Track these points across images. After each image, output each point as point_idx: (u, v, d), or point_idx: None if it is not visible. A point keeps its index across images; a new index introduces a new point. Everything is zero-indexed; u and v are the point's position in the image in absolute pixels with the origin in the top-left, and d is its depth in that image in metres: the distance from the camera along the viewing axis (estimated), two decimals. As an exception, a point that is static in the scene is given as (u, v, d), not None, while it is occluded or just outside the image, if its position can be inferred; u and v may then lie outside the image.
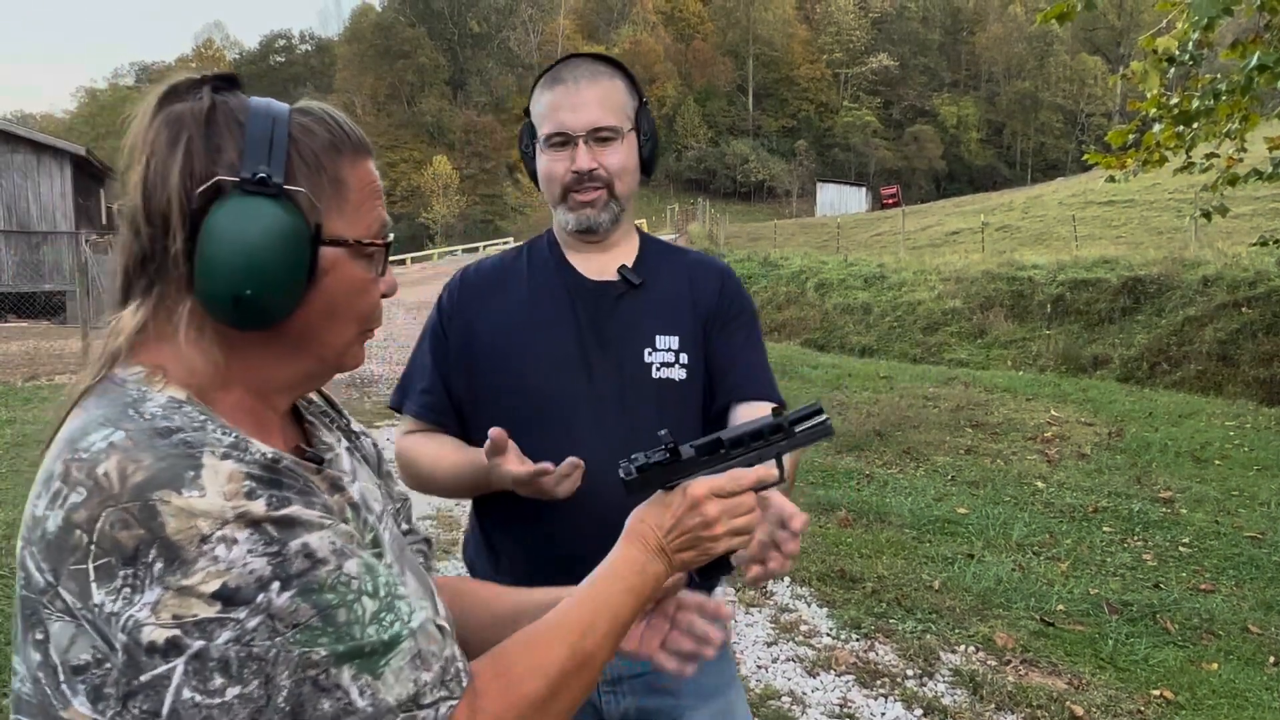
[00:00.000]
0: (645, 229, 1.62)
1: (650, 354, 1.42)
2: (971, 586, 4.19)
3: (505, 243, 37.61)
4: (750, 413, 1.40)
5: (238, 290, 0.73)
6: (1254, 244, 8.66)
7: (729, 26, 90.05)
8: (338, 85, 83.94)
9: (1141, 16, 68.05)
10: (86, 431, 0.70)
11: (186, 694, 0.65)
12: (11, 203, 18.13)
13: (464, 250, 38.57)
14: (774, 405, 1.23)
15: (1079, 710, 3.11)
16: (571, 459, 1.25)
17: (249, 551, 0.66)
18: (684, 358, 1.43)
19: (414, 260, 35.00)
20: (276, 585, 0.66)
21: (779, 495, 1.03)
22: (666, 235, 41.25)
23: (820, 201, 57.23)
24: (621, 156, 1.43)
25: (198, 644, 0.64)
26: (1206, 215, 6.78)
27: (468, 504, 5.46)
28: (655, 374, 1.41)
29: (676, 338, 1.44)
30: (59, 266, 17.93)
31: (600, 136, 1.41)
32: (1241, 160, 6.35)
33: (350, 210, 0.81)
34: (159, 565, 0.64)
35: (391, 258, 0.90)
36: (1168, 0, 5.47)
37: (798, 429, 0.98)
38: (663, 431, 0.97)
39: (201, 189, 0.73)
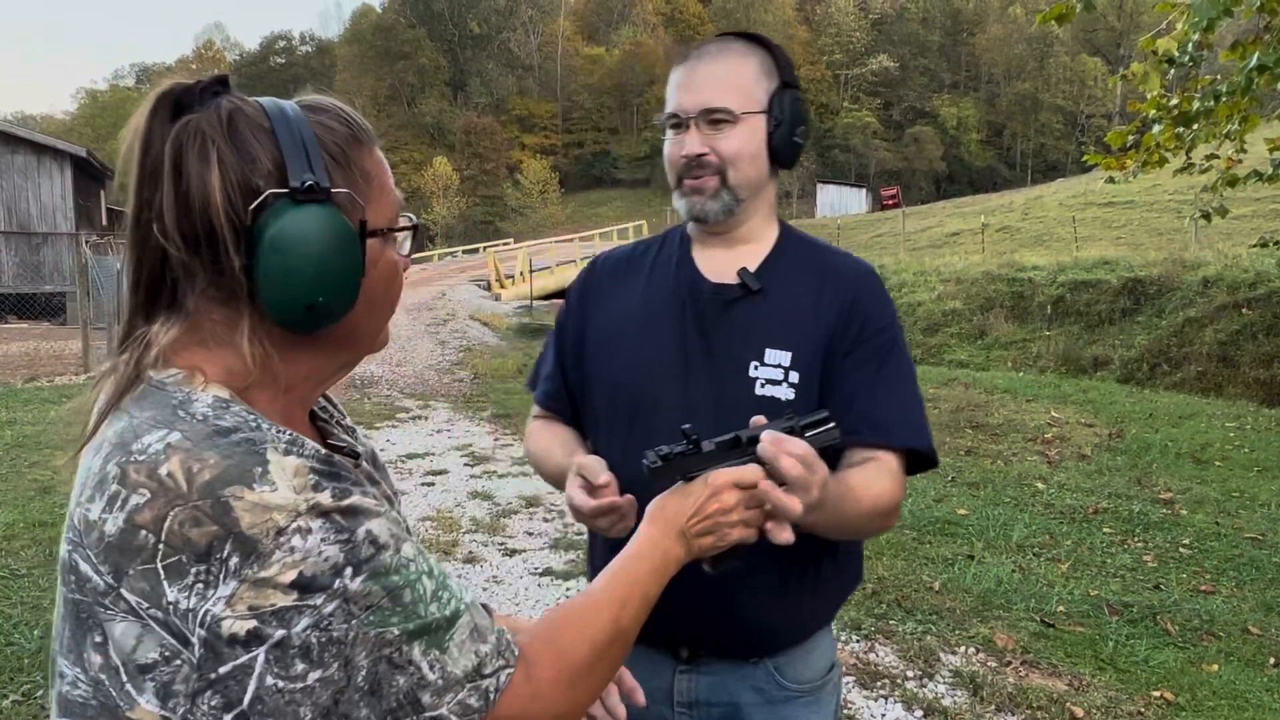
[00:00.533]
0: (645, 232, 1.57)
1: (756, 368, 1.29)
2: (972, 587, 4.19)
3: (506, 244, 37.53)
4: (866, 465, 1.26)
5: (311, 299, 0.75)
6: (1254, 245, 8.66)
7: (729, 28, 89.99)
8: (338, 86, 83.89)
9: (1141, 18, 68.06)
10: (139, 434, 0.71)
11: (270, 680, 0.67)
12: (12, 204, 18.12)
13: (464, 251, 38.54)
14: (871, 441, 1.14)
15: (1079, 711, 3.11)
16: (628, 497, 1.18)
17: (322, 540, 0.68)
18: (794, 376, 1.28)
19: (414, 261, 34.92)
20: (350, 570, 0.69)
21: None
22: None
23: (820, 203, 57.20)
24: (737, 142, 1.30)
25: (278, 633, 0.67)
26: (1206, 216, 6.78)
27: (467, 507, 5.44)
28: (758, 390, 1.28)
29: (789, 354, 1.29)
30: (59, 268, 17.93)
31: (713, 119, 1.29)
32: (1241, 161, 6.35)
33: (374, 199, 0.82)
34: (234, 560, 0.66)
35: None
36: (1167, 2, 5.47)
37: (807, 434, 1.04)
38: (686, 426, 1.01)
39: (255, 204, 0.73)
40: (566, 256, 27.06)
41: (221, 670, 0.67)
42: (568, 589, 4.23)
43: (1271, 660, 3.56)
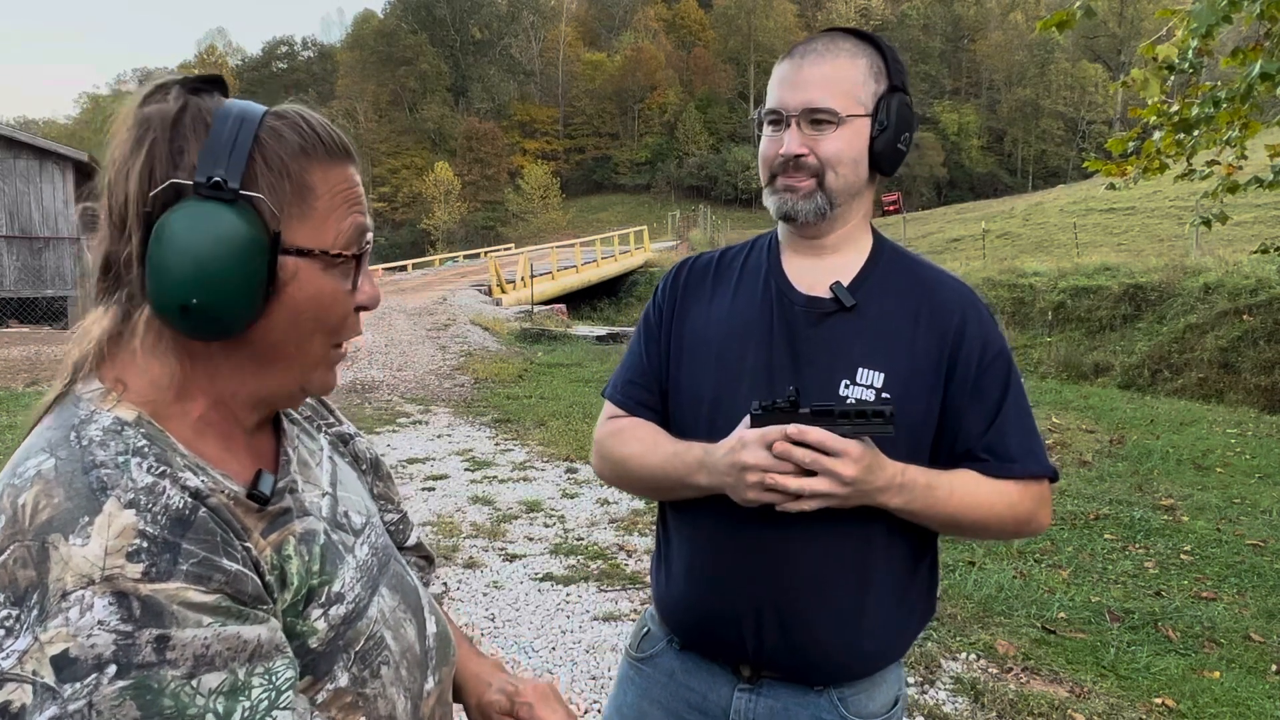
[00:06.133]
0: (646, 236, 1.54)
1: (847, 386, 1.24)
2: (973, 594, 4.19)
3: (507, 249, 37.57)
4: (1001, 489, 1.25)
5: (184, 299, 0.70)
6: (1255, 251, 8.65)
7: (730, 34, 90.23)
8: (340, 92, 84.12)
9: (1142, 24, 68.18)
10: (28, 454, 0.69)
11: None
12: (14, 208, 18.15)
13: (465, 256, 38.56)
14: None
15: (1080, 718, 3.10)
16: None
17: (99, 623, 0.60)
18: (886, 398, 1.24)
19: (415, 266, 35.00)
20: (113, 670, 0.60)
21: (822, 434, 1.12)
22: (667, 242, 41.17)
23: (821, 208, 57.18)
24: (839, 145, 1.24)
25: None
26: (1207, 223, 6.78)
27: (468, 512, 5.44)
28: None
29: (882, 375, 1.24)
30: (60, 272, 17.96)
31: (815, 119, 1.24)
32: (1241, 168, 6.35)
33: (317, 218, 0.76)
34: (35, 612, 0.61)
35: (394, 263, 0.87)
36: (1167, 8, 5.48)
37: (856, 421, 1.12)
38: (791, 388, 1.11)
39: (155, 191, 0.71)
40: (567, 261, 27.08)
41: None
42: (567, 594, 4.22)
43: (1274, 667, 3.55)
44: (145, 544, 0.63)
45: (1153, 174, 6.32)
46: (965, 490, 1.23)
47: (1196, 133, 5.85)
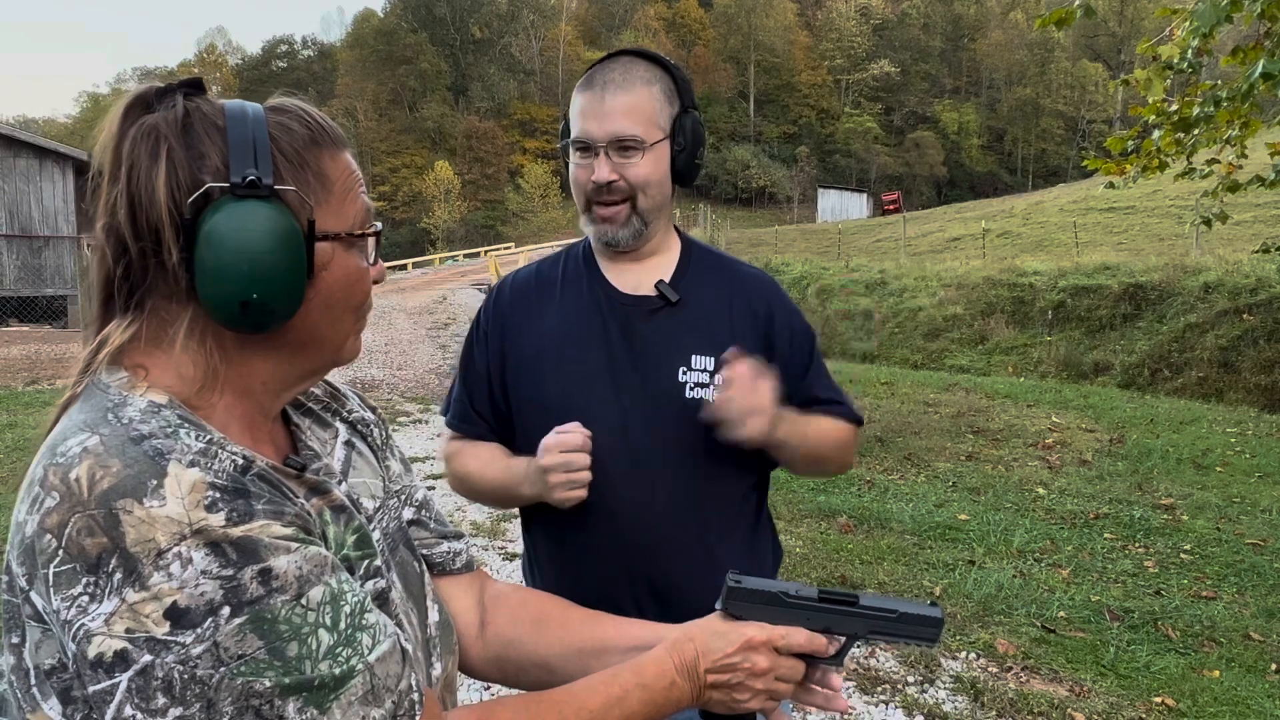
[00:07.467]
0: None
1: (685, 373, 1.38)
2: (972, 593, 4.19)
3: (507, 248, 37.58)
4: (835, 425, 1.47)
5: (245, 295, 0.72)
6: (1256, 251, 8.64)
7: (730, 33, 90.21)
8: (340, 91, 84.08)
9: (1142, 23, 68.15)
10: (66, 436, 0.70)
11: (129, 710, 0.64)
12: (14, 207, 18.14)
13: (465, 255, 38.55)
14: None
15: (1080, 717, 3.11)
16: (588, 449, 1.30)
17: (203, 572, 0.64)
18: (718, 379, 1.37)
19: (415, 265, 34.96)
20: (226, 611, 0.64)
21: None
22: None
23: (821, 207, 57.25)
24: (645, 169, 1.37)
25: (143, 660, 0.63)
26: (1207, 222, 6.78)
27: (468, 511, 5.42)
28: (689, 394, 1.38)
29: (711, 359, 1.38)
30: (60, 271, 17.95)
31: (622, 147, 1.35)
32: (1241, 168, 6.35)
33: (336, 203, 0.80)
34: (118, 576, 0.63)
35: (394, 263, 0.89)
36: (1168, 8, 5.48)
37: (902, 626, 0.93)
38: (790, 588, 0.92)
39: (192, 198, 0.72)
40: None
41: (89, 690, 0.65)
42: (568, 593, 4.22)
43: (1273, 666, 3.55)
44: (218, 495, 0.67)
45: (1152, 173, 6.32)
46: (817, 423, 1.44)
47: (1196, 131, 5.85)
